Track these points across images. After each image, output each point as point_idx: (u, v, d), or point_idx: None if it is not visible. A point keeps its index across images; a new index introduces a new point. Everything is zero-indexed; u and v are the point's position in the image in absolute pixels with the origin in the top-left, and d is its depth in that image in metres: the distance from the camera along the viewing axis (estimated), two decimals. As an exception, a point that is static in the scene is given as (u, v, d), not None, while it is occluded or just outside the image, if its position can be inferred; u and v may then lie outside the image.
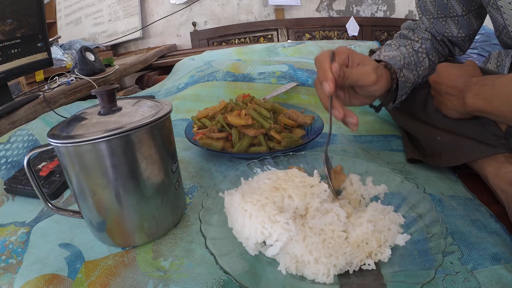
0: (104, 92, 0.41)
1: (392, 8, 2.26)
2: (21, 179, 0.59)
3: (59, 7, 2.33)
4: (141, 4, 2.25)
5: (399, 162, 0.62)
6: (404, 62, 0.58)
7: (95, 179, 0.39)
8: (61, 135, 0.38)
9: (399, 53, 0.60)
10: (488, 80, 0.49)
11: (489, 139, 0.52)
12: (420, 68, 0.60)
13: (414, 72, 0.59)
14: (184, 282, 0.39)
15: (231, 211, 0.40)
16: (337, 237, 0.37)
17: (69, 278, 0.41)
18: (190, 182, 0.58)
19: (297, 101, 0.93)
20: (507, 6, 0.54)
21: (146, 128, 0.39)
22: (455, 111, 0.55)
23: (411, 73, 0.59)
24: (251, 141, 0.64)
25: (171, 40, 2.35)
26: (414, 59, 0.60)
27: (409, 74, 0.59)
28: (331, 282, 0.35)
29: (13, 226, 0.51)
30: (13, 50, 0.89)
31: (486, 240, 0.42)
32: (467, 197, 0.51)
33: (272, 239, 0.36)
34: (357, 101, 0.54)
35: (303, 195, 0.40)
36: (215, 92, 0.99)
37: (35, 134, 0.76)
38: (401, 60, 0.58)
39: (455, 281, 0.37)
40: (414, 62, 0.60)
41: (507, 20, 0.56)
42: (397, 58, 0.58)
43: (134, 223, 0.42)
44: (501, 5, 0.54)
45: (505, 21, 0.56)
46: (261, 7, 2.27)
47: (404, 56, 0.59)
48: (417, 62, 0.60)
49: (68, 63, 1.47)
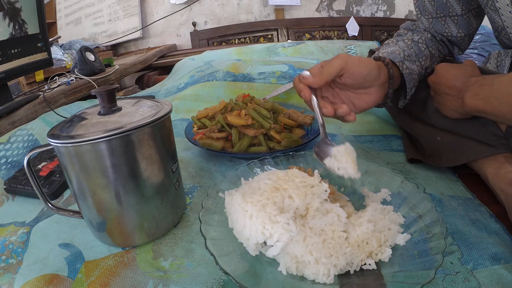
0: (104, 92, 0.41)
1: (392, 8, 2.26)
2: (21, 179, 0.59)
3: (59, 7, 2.33)
4: (141, 4, 2.25)
5: (399, 162, 0.62)
6: (404, 55, 0.57)
7: (95, 179, 0.39)
8: (61, 135, 0.38)
9: (397, 48, 0.59)
10: (487, 80, 0.49)
11: (489, 139, 0.52)
12: (422, 58, 0.59)
13: (417, 63, 0.58)
14: (184, 282, 0.39)
15: (232, 211, 0.40)
16: (338, 237, 0.37)
17: (69, 278, 0.41)
18: (190, 182, 0.58)
19: (297, 101, 0.93)
20: (505, 8, 0.54)
21: (146, 128, 0.39)
22: (454, 111, 0.55)
23: (414, 64, 0.58)
24: (251, 141, 0.64)
25: (171, 40, 2.35)
26: (415, 50, 0.59)
27: (413, 65, 0.57)
28: (331, 282, 0.35)
29: (13, 226, 0.51)
30: (13, 50, 0.89)
31: (486, 240, 0.42)
32: (467, 197, 0.51)
33: (273, 239, 0.36)
34: (360, 102, 0.53)
35: (303, 195, 0.40)
36: (215, 92, 0.99)
37: (35, 134, 0.76)
38: (400, 53, 0.57)
39: (455, 281, 0.37)
40: (415, 53, 0.59)
41: (506, 22, 0.56)
42: (396, 53, 0.57)
43: (134, 223, 0.42)
44: (499, 7, 0.54)
45: (503, 22, 0.56)
46: (261, 7, 2.27)
47: (403, 49, 0.58)
48: (418, 52, 0.59)
49: (68, 63, 1.47)
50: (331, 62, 0.49)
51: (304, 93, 0.48)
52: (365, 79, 0.51)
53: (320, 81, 0.48)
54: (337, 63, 0.48)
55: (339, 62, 0.48)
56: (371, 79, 0.51)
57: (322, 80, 0.48)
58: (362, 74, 0.50)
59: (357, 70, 0.49)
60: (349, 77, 0.49)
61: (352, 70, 0.49)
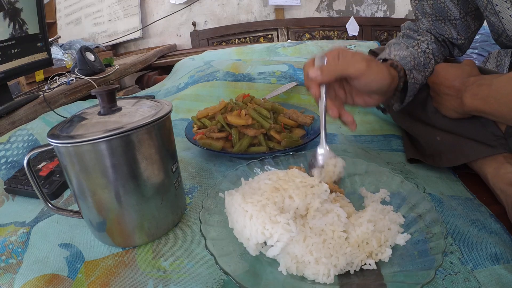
0: (104, 92, 0.41)
1: (392, 8, 2.26)
2: (21, 179, 0.59)
3: (59, 7, 2.33)
4: (141, 4, 2.25)
5: (399, 162, 0.62)
6: (414, 64, 0.57)
7: (95, 179, 0.39)
8: (61, 135, 0.38)
9: (409, 54, 0.58)
10: (486, 80, 0.49)
11: (488, 139, 0.52)
12: (427, 69, 0.59)
13: (422, 73, 0.58)
14: (184, 282, 0.39)
15: (232, 211, 0.40)
16: (338, 238, 0.37)
17: (69, 278, 0.41)
18: (190, 182, 0.58)
19: (297, 101, 0.93)
20: (505, 12, 0.53)
21: (146, 128, 0.39)
22: (454, 111, 0.55)
23: (420, 74, 0.58)
24: (251, 141, 0.64)
25: (171, 40, 2.35)
26: (423, 60, 0.59)
27: (418, 75, 0.57)
28: (331, 282, 0.35)
29: (13, 226, 0.51)
30: (13, 50, 0.89)
31: (486, 240, 0.42)
32: (467, 197, 0.51)
33: (273, 239, 0.36)
34: (360, 100, 0.53)
35: (303, 195, 0.40)
36: (215, 92, 0.99)
37: (35, 134, 0.76)
38: (411, 61, 0.57)
39: (455, 281, 0.37)
40: (423, 64, 0.59)
41: (506, 25, 0.56)
42: (408, 59, 0.57)
43: (134, 223, 0.42)
44: (499, 10, 0.54)
45: (503, 25, 0.56)
46: (261, 7, 2.27)
47: (414, 57, 0.58)
48: (425, 63, 0.59)
49: (68, 63, 1.47)
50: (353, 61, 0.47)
51: (314, 91, 0.48)
52: (376, 89, 0.50)
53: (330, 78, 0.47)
54: (359, 68, 0.47)
55: (361, 67, 0.47)
56: (380, 90, 0.51)
57: (331, 77, 0.47)
58: (376, 86, 0.50)
59: (374, 81, 0.49)
60: (362, 83, 0.49)
61: (369, 79, 0.48)
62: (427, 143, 0.60)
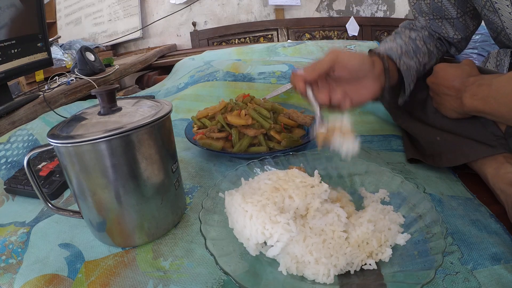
0: (104, 92, 0.41)
1: (392, 8, 2.26)
2: (21, 179, 0.59)
3: (59, 7, 2.33)
4: (141, 4, 2.25)
5: (399, 162, 0.62)
6: (401, 51, 0.57)
7: (95, 179, 0.39)
8: (61, 135, 0.38)
9: (395, 44, 0.59)
10: (485, 80, 0.49)
11: (488, 139, 0.52)
12: (419, 54, 0.59)
13: (415, 59, 0.58)
14: (184, 282, 0.39)
15: (232, 211, 0.40)
16: (338, 238, 0.37)
17: (69, 278, 0.41)
18: (190, 182, 0.58)
19: (297, 101, 0.93)
20: (505, 9, 0.53)
21: (146, 128, 0.39)
22: (453, 111, 0.55)
23: (412, 60, 0.58)
24: (251, 141, 0.64)
25: (171, 40, 2.35)
26: (412, 47, 0.59)
27: (410, 61, 0.57)
28: (331, 282, 0.35)
29: (13, 226, 0.51)
30: (13, 50, 0.89)
31: (486, 240, 0.42)
32: (467, 197, 0.51)
33: (273, 239, 0.36)
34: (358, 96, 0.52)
35: (303, 195, 0.40)
36: (215, 92, 0.99)
37: (35, 134, 0.76)
38: (398, 49, 0.57)
39: (455, 281, 0.37)
40: (413, 50, 0.59)
41: (505, 23, 0.56)
42: (394, 49, 0.57)
43: (134, 223, 0.42)
44: (499, 7, 0.54)
45: (503, 23, 0.56)
46: (261, 7, 2.27)
47: (400, 46, 0.58)
48: (415, 49, 0.59)
49: (68, 63, 1.47)
50: (323, 57, 0.50)
51: (299, 86, 0.49)
52: (358, 70, 0.51)
53: (313, 74, 0.49)
54: (328, 57, 0.50)
55: (330, 55, 0.50)
56: (364, 70, 0.52)
57: (315, 73, 0.49)
58: (355, 66, 0.51)
59: (349, 63, 0.50)
60: (342, 70, 0.50)
61: (344, 63, 0.50)
62: (427, 143, 0.60)
